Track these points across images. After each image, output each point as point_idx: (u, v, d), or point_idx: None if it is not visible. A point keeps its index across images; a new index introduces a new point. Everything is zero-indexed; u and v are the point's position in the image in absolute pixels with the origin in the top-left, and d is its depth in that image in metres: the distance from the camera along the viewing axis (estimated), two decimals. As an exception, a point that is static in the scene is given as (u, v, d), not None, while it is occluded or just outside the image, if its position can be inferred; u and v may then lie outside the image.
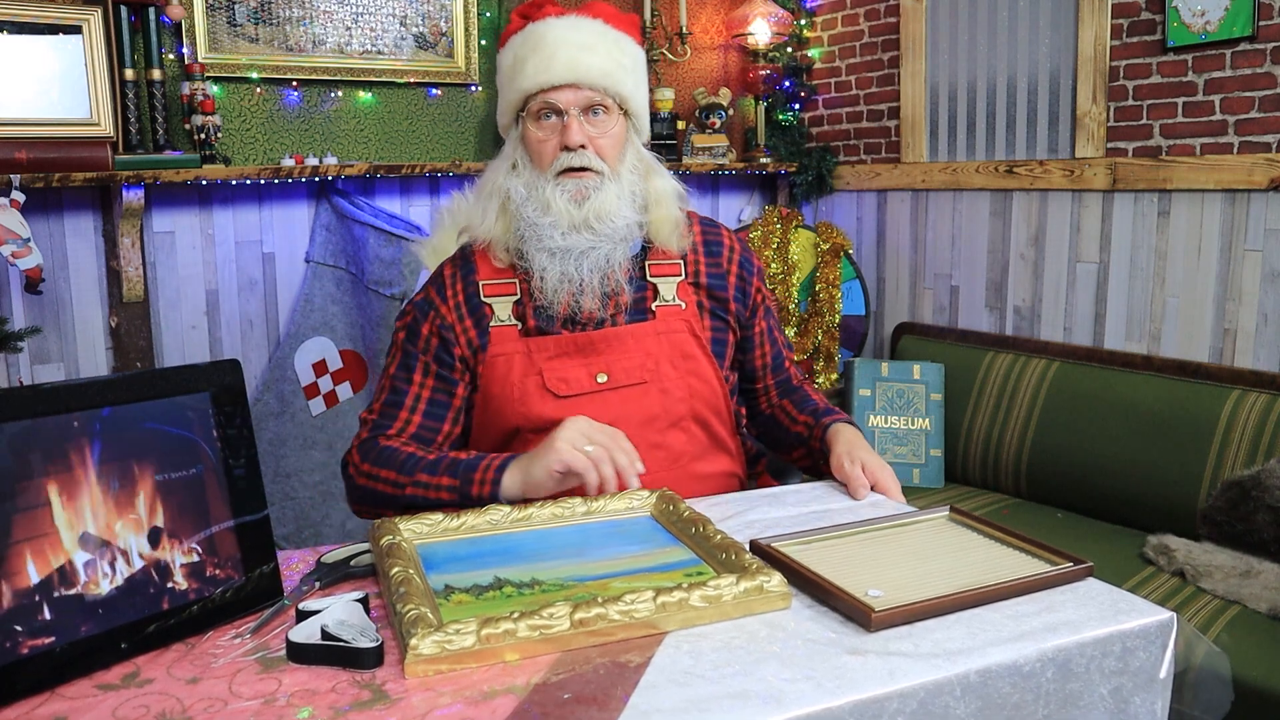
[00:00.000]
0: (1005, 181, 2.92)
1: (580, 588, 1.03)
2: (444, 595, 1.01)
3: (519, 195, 1.44)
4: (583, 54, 1.42)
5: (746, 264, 1.58)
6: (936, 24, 3.11)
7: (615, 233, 1.43)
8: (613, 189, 1.43)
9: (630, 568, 1.09)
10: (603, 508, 1.24)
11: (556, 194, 1.41)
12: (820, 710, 0.81)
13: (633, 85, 1.48)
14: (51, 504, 0.88)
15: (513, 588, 1.03)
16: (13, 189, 2.29)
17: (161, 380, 0.98)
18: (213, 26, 2.71)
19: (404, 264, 2.82)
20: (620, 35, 1.49)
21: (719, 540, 1.10)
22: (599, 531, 1.20)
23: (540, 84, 1.42)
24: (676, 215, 1.50)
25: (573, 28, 1.45)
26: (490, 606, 0.98)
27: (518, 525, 1.20)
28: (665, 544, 1.16)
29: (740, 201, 3.68)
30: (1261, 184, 2.32)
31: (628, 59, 1.48)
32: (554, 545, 1.16)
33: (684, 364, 1.48)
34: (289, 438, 2.86)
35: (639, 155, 1.50)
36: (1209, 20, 2.36)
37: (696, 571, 1.07)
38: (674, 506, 1.22)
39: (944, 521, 1.21)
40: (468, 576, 1.06)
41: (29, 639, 0.84)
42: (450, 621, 0.89)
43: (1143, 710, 0.98)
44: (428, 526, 1.17)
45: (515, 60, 1.45)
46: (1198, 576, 2.06)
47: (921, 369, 2.86)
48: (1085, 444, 2.52)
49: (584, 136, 1.42)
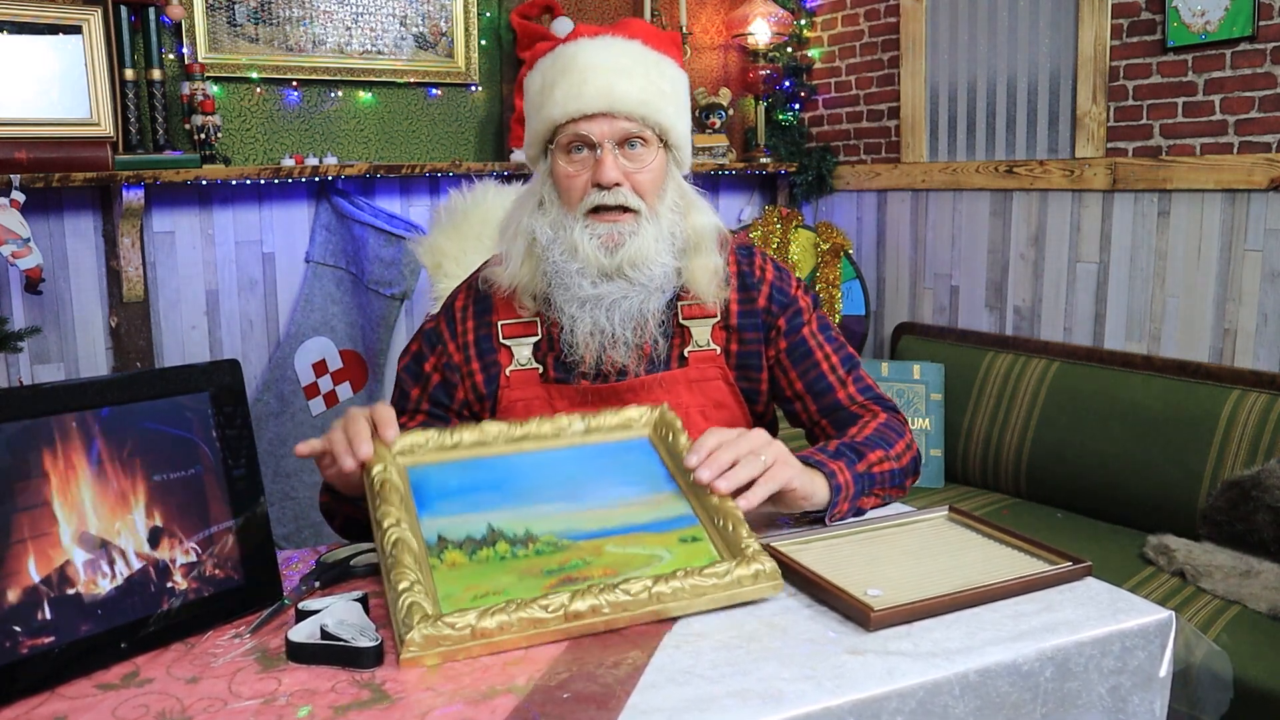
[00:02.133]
0: (1005, 181, 2.92)
1: (574, 550, 1.02)
2: (437, 552, 1.01)
3: (545, 237, 1.30)
4: (618, 79, 1.27)
5: (778, 296, 1.41)
6: (936, 24, 3.11)
7: (652, 280, 1.29)
8: (650, 231, 1.29)
9: (625, 524, 1.07)
10: (602, 424, 1.19)
11: (584, 237, 1.27)
12: (819, 709, 0.81)
13: (674, 113, 1.32)
14: (51, 504, 0.88)
15: (506, 544, 1.03)
16: (13, 189, 2.29)
17: (161, 380, 0.98)
18: (213, 26, 2.71)
19: (404, 264, 2.82)
20: (660, 57, 1.33)
21: (716, 502, 1.07)
22: (596, 460, 1.16)
23: (570, 113, 1.26)
24: (716, 264, 1.35)
25: (606, 50, 1.29)
26: (483, 573, 0.98)
27: (513, 445, 1.16)
28: (660, 486, 1.13)
29: (740, 201, 3.68)
30: (1261, 184, 2.32)
31: (668, 84, 1.32)
32: (549, 479, 1.13)
33: (716, 414, 1.38)
34: (289, 438, 2.86)
35: (680, 190, 1.36)
36: (1209, 20, 2.36)
37: (691, 536, 1.06)
38: (673, 436, 1.17)
39: (943, 521, 1.21)
40: (461, 523, 1.05)
41: (29, 639, 0.84)
42: (444, 616, 0.89)
43: (1141, 710, 0.98)
44: (420, 443, 1.13)
45: (543, 86, 1.31)
46: (1198, 576, 2.06)
47: (921, 369, 2.86)
48: (1085, 444, 2.52)
49: (619, 173, 1.27)
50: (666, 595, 0.94)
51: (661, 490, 1.13)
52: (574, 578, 0.98)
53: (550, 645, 0.91)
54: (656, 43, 1.35)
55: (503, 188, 2.34)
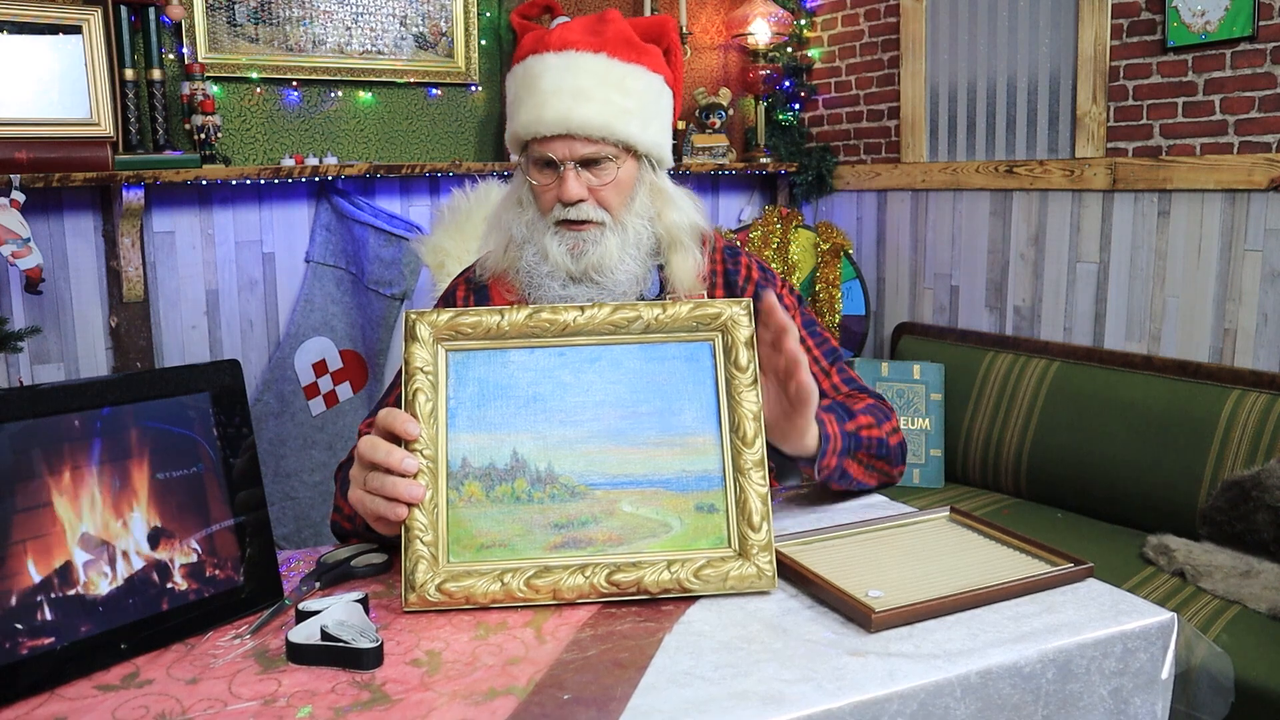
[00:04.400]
0: (1005, 181, 2.92)
1: (588, 500, 1.03)
2: (457, 481, 1.03)
3: (520, 236, 1.36)
4: (576, 104, 1.28)
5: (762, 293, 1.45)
6: (936, 24, 3.11)
7: (618, 285, 1.33)
8: (614, 240, 1.32)
9: (648, 474, 1.04)
10: (674, 318, 1.09)
11: (554, 243, 1.32)
12: (820, 711, 0.81)
13: (638, 126, 1.32)
14: (52, 504, 0.88)
15: (524, 482, 1.04)
16: (13, 189, 2.29)
17: (161, 380, 0.98)
18: (213, 26, 2.71)
19: (404, 264, 2.82)
20: (627, 69, 1.32)
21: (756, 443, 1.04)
22: (648, 368, 1.09)
23: (533, 133, 1.31)
24: (694, 261, 1.38)
25: (567, 70, 1.30)
26: (495, 517, 1.03)
27: (565, 338, 1.08)
28: (704, 421, 1.07)
29: (740, 201, 3.68)
30: (1261, 184, 2.32)
31: (632, 100, 1.32)
32: (591, 391, 1.07)
33: None
34: (289, 438, 2.86)
35: (654, 192, 1.38)
36: (1209, 20, 2.36)
37: (709, 504, 1.04)
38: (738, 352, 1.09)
39: (944, 522, 1.21)
40: (487, 445, 1.04)
41: (29, 639, 0.84)
42: (443, 583, 0.98)
43: (1143, 711, 0.98)
44: (468, 327, 1.07)
45: (514, 98, 1.35)
46: (1198, 576, 2.06)
47: (921, 369, 2.86)
48: (1085, 444, 2.52)
49: (582, 190, 1.31)
50: (653, 589, 0.99)
51: (699, 433, 1.07)
52: (578, 538, 1.02)
53: (550, 646, 0.91)
54: (625, 53, 1.32)
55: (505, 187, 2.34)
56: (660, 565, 1.00)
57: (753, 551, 1.01)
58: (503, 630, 0.95)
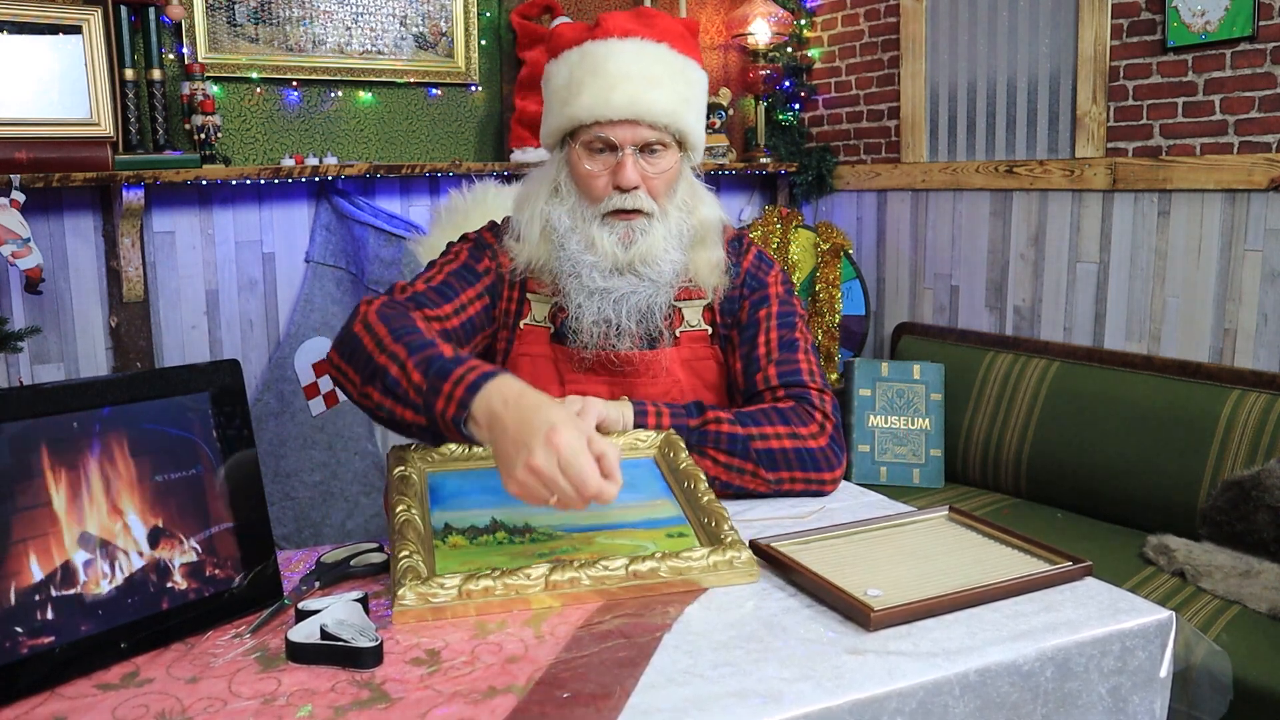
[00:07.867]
0: (1005, 181, 2.92)
1: (566, 540, 1.10)
2: (442, 536, 1.10)
3: (563, 225, 1.34)
4: (647, 90, 1.29)
5: (751, 280, 1.46)
6: (936, 24, 3.11)
7: (661, 276, 1.34)
8: (660, 230, 1.33)
9: (618, 521, 1.14)
10: (615, 441, 1.23)
11: (603, 233, 1.32)
12: (819, 710, 0.81)
13: (694, 118, 1.36)
14: (51, 504, 0.88)
15: (505, 533, 1.11)
16: (13, 189, 2.29)
17: (161, 380, 0.98)
18: (213, 26, 2.71)
19: (404, 264, 2.82)
20: (686, 62, 1.35)
21: (705, 502, 1.15)
22: None
23: (597, 116, 1.30)
24: (717, 257, 1.40)
25: (636, 57, 1.31)
26: (481, 554, 1.07)
27: None
28: (658, 495, 1.21)
29: (740, 201, 3.68)
30: (1261, 184, 2.32)
31: (694, 90, 1.35)
32: None
33: (707, 395, 1.44)
34: (289, 438, 2.86)
35: (689, 187, 1.40)
36: (1209, 20, 2.36)
37: (678, 532, 1.12)
38: (675, 454, 1.25)
39: (943, 521, 1.21)
40: (467, 515, 1.14)
41: (29, 639, 0.84)
42: (435, 576, 0.97)
43: (1141, 710, 0.98)
44: (440, 456, 1.24)
45: (570, 82, 1.33)
46: (1198, 576, 2.06)
47: (921, 369, 2.86)
48: (1085, 444, 2.52)
49: (639, 177, 1.31)
50: (644, 573, 1.01)
51: (659, 498, 1.20)
52: (562, 560, 1.03)
53: (550, 645, 0.91)
54: (683, 45, 1.36)
55: (503, 188, 2.34)
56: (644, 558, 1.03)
57: (726, 541, 1.06)
58: (502, 629, 0.95)
